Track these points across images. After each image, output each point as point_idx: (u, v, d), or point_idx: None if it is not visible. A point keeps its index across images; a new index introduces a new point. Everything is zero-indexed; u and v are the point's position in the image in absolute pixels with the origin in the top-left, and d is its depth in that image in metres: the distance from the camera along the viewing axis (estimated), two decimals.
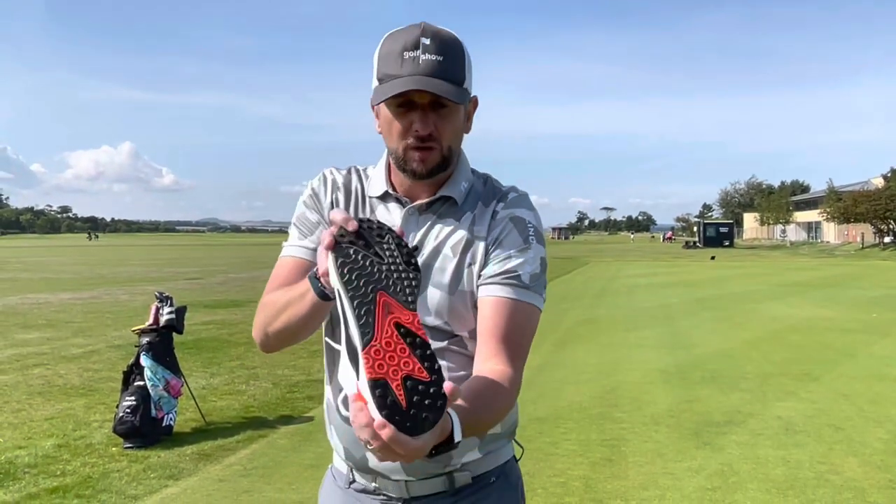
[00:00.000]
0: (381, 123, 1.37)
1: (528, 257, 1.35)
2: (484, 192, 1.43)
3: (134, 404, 4.99)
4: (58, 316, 12.46)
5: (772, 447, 4.93)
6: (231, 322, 11.53)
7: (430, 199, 1.39)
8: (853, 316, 12.24)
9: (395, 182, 1.43)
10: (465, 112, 1.37)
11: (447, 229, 1.38)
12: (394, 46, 1.28)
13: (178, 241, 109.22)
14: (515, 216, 1.38)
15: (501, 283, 1.32)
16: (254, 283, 20.13)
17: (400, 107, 1.29)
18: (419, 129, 1.29)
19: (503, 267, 1.33)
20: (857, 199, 50.69)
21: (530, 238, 1.37)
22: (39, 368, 7.70)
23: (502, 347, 1.29)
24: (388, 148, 1.38)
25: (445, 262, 1.36)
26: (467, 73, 1.33)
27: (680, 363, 7.93)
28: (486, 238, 1.36)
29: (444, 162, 1.34)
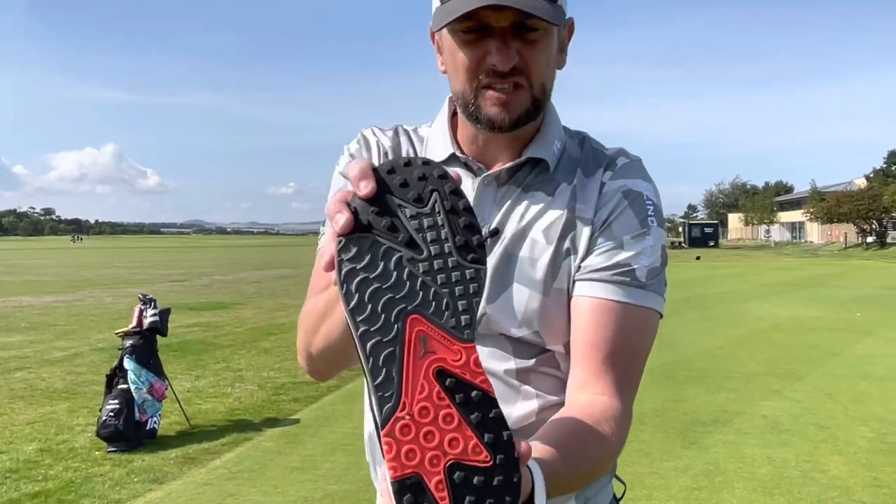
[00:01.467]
0: (445, 55, 1.01)
1: (647, 245, 1.01)
2: (583, 156, 1.07)
3: (117, 408, 4.94)
4: (40, 319, 12.34)
5: (758, 446, 4.95)
6: (216, 324, 11.45)
7: (514, 163, 1.04)
8: (837, 315, 12.33)
9: (461, 141, 1.07)
10: (558, 42, 1.01)
11: (538, 206, 1.03)
12: None
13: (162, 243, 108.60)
14: (629, 189, 1.03)
15: (609, 281, 0.98)
16: (239, 284, 20.04)
17: (470, 32, 0.94)
18: (497, 63, 0.93)
19: (612, 259, 0.99)
20: (840, 200, 51.11)
21: (650, 219, 1.02)
22: (21, 372, 7.62)
23: (607, 369, 0.96)
24: (453, 91, 1.03)
25: (537, 250, 1.01)
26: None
27: (666, 363, 7.94)
28: (593, 219, 1.01)
29: (534, 106, 0.99)
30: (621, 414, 0.94)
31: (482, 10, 0.90)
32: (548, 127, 1.06)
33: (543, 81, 0.98)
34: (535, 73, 0.96)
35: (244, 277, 22.99)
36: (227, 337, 10.03)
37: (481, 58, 0.95)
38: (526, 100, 0.97)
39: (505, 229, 1.02)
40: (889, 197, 46.46)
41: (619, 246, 0.99)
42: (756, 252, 52.05)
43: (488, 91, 0.96)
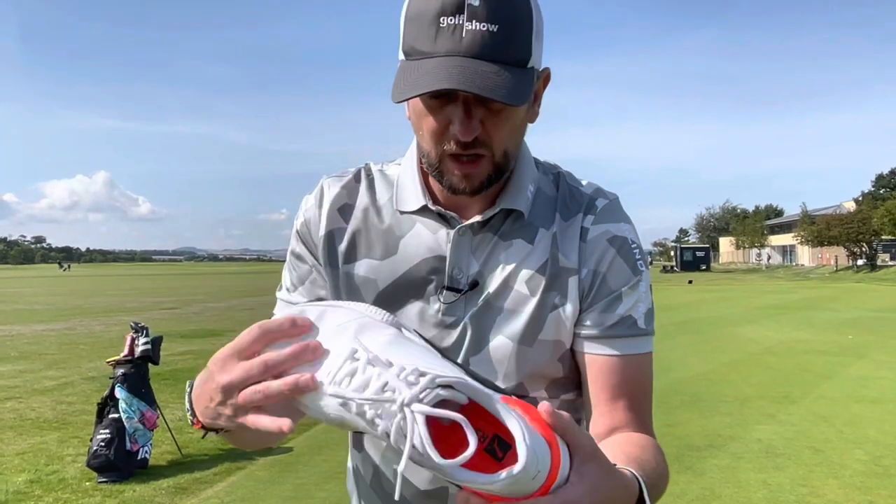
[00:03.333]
0: (411, 112, 0.97)
1: (642, 292, 1.02)
2: (559, 196, 1.05)
3: (108, 437, 4.90)
4: (30, 348, 12.24)
5: (752, 470, 4.93)
6: (208, 352, 11.30)
7: (488, 214, 1.00)
8: (829, 338, 12.36)
9: (433, 188, 1.03)
10: (529, 100, 0.95)
11: (518, 255, 1.00)
12: (427, 6, 0.87)
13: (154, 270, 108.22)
14: (614, 236, 1.02)
15: (617, 337, 1.00)
16: (231, 312, 19.95)
17: (435, 98, 0.90)
18: (458, 134, 0.89)
19: (615, 314, 1.00)
20: (830, 223, 51.47)
21: (638, 264, 1.02)
22: (11, 402, 7.54)
23: (631, 413, 1.01)
24: (419, 146, 1.00)
25: (520, 302, 0.99)
26: (535, 41, 0.91)
27: (659, 387, 7.92)
28: (579, 269, 1.00)
29: (496, 173, 0.95)
30: (657, 442, 1.00)
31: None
32: (520, 173, 1.03)
33: (506, 148, 0.95)
34: (497, 143, 0.93)
35: (236, 304, 22.90)
36: None
37: (445, 126, 0.91)
38: (487, 168, 0.94)
39: (486, 280, 1.00)
40: (878, 220, 46.87)
41: (618, 299, 1.00)
42: (748, 275, 52.23)
43: (451, 161, 0.93)
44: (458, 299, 0.99)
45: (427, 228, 1.02)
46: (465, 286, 0.99)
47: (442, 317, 1.00)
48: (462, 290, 0.99)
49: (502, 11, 0.86)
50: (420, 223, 1.03)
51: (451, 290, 0.99)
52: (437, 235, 1.01)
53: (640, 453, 0.91)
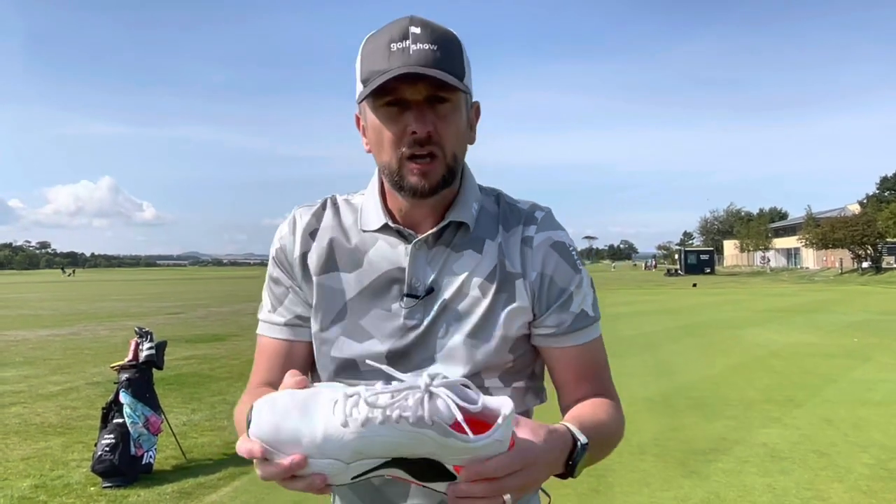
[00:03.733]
0: (370, 134, 1.15)
1: (584, 286, 1.21)
2: (500, 212, 1.22)
3: (113, 442, 4.90)
4: (35, 353, 12.27)
5: (758, 474, 4.92)
6: (213, 357, 11.40)
7: (438, 227, 1.17)
8: (834, 341, 12.32)
9: (392, 208, 1.20)
10: (467, 117, 1.16)
11: (469, 263, 1.17)
12: (378, 42, 1.08)
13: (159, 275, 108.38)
14: (555, 241, 1.19)
15: (575, 330, 1.19)
16: (236, 316, 19.97)
17: (390, 106, 1.08)
18: (416, 130, 1.07)
19: (570, 312, 1.18)
20: (835, 226, 51.31)
21: (577, 263, 1.21)
22: (16, 407, 7.56)
23: (594, 385, 1.21)
24: (379, 164, 1.16)
25: (473, 304, 1.15)
26: (467, 69, 1.12)
27: (664, 391, 7.92)
28: (525, 273, 1.17)
29: (449, 174, 1.12)
30: (618, 401, 1.22)
31: (400, 86, 1.05)
32: (465, 191, 1.20)
33: (454, 151, 1.12)
34: (447, 143, 1.10)
35: (240, 309, 22.92)
36: (224, 369, 9.98)
37: (402, 130, 1.08)
38: (441, 168, 1.10)
39: (442, 287, 1.16)
40: (883, 222, 46.69)
41: (569, 298, 1.18)
42: (752, 278, 52.12)
43: (410, 163, 1.10)
44: (417, 304, 1.15)
45: (388, 244, 1.19)
46: (422, 293, 1.16)
47: (404, 320, 1.15)
48: (420, 297, 1.15)
49: (439, 37, 1.08)
50: (382, 240, 1.19)
51: (410, 297, 1.15)
52: (397, 250, 1.18)
53: (583, 411, 1.14)
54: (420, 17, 1.09)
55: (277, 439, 0.88)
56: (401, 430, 0.84)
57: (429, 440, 0.85)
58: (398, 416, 0.84)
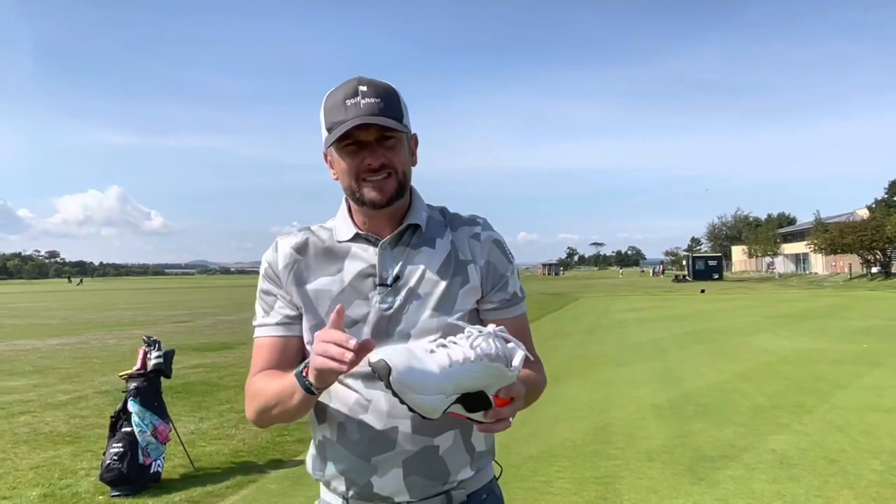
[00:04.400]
0: (335, 168, 1.49)
1: (515, 273, 1.58)
2: (447, 220, 1.56)
3: (121, 451, 4.92)
4: (45, 362, 12.32)
5: (767, 481, 4.89)
6: (220, 365, 11.42)
7: (398, 230, 1.49)
8: (844, 347, 12.26)
9: (358, 223, 1.52)
10: (409, 147, 1.50)
11: (425, 256, 1.49)
12: (336, 99, 1.42)
13: (167, 283, 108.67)
14: (495, 238, 1.55)
15: (509, 306, 1.54)
16: (244, 325, 20.00)
17: (349, 146, 1.42)
18: (371, 162, 1.41)
19: (506, 290, 1.54)
20: (844, 231, 51.09)
21: (509, 256, 1.57)
22: (25, 416, 7.59)
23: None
24: (344, 189, 1.50)
25: (435, 286, 1.47)
26: (404, 111, 1.46)
27: (672, 398, 7.89)
28: (475, 260, 1.51)
29: (400, 188, 1.45)
30: (540, 361, 1.55)
31: (356, 132, 1.39)
32: (415, 204, 1.54)
33: (403, 170, 1.46)
34: (397, 165, 1.44)
35: (248, 317, 22.79)
36: (231, 377, 10.00)
37: (360, 163, 1.43)
38: (393, 183, 1.44)
39: (406, 275, 1.46)
40: (892, 227, 46.43)
41: (505, 282, 1.54)
42: (761, 284, 51.91)
43: (366, 183, 1.44)
44: (388, 291, 1.46)
45: (360, 249, 1.50)
46: (391, 281, 1.46)
47: (379, 305, 1.45)
48: (389, 285, 1.46)
49: (381, 91, 1.42)
50: (354, 247, 1.51)
51: (382, 286, 1.46)
52: (367, 252, 1.49)
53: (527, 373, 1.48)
54: (366, 77, 1.43)
55: (415, 379, 1.16)
56: (485, 365, 1.20)
57: (496, 371, 1.22)
58: (483, 353, 1.20)
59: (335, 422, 1.47)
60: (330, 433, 1.48)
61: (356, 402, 1.44)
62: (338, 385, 1.46)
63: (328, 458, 1.50)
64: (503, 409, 1.27)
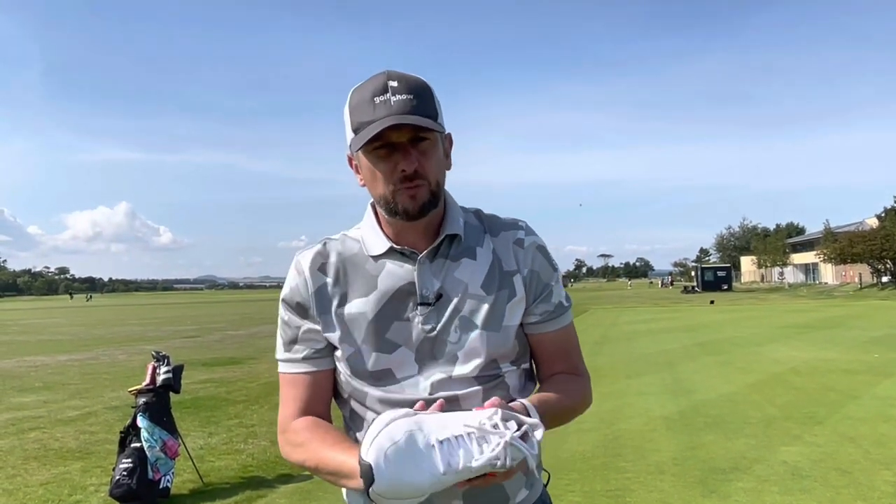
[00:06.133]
0: (364, 173, 1.34)
1: (560, 282, 1.45)
2: (485, 225, 1.43)
3: (130, 467, 4.92)
4: (54, 378, 12.35)
5: (779, 493, 4.85)
6: (229, 380, 11.43)
7: (436, 242, 1.35)
8: (855, 357, 12.18)
9: (389, 234, 1.37)
10: (444, 148, 1.37)
11: (467, 269, 1.36)
12: (363, 96, 1.28)
13: (176, 299, 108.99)
14: (539, 245, 1.42)
15: (555, 318, 1.42)
16: (252, 339, 20.04)
17: (380, 149, 1.27)
18: (405, 168, 1.26)
19: (550, 301, 1.41)
20: (853, 240, 50.88)
21: (553, 263, 1.44)
22: (35, 432, 7.61)
23: (569, 363, 1.46)
24: (374, 197, 1.35)
25: (481, 302, 1.34)
26: (439, 109, 1.31)
27: (682, 409, 7.85)
28: (520, 270, 1.38)
29: (433, 198, 1.31)
30: (587, 376, 1.48)
31: (387, 132, 1.23)
32: (450, 211, 1.39)
33: (437, 178, 1.31)
34: (430, 173, 1.29)
35: (256, 332, 22.99)
36: (240, 392, 10.00)
37: (392, 168, 1.28)
38: (426, 193, 1.29)
39: (448, 292, 1.34)
40: None
41: (550, 292, 1.41)
42: (770, 294, 51.68)
43: (400, 191, 1.28)
44: (430, 310, 1.33)
45: (394, 265, 1.36)
46: (433, 300, 1.33)
47: (422, 326, 1.33)
48: (432, 303, 1.33)
49: (414, 86, 1.27)
50: (388, 262, 1.36)
51: (424, 305, 1.33)
52: (404, 268, 1.35)
53: (549, 387, 1.39)
54: (396, 71, 1.29)
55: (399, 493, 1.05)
56: (487, 467, 1.08)
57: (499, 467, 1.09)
58: (489, 461, 1.07)
59: None
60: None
61: None
62: (382, 409, 1.31)
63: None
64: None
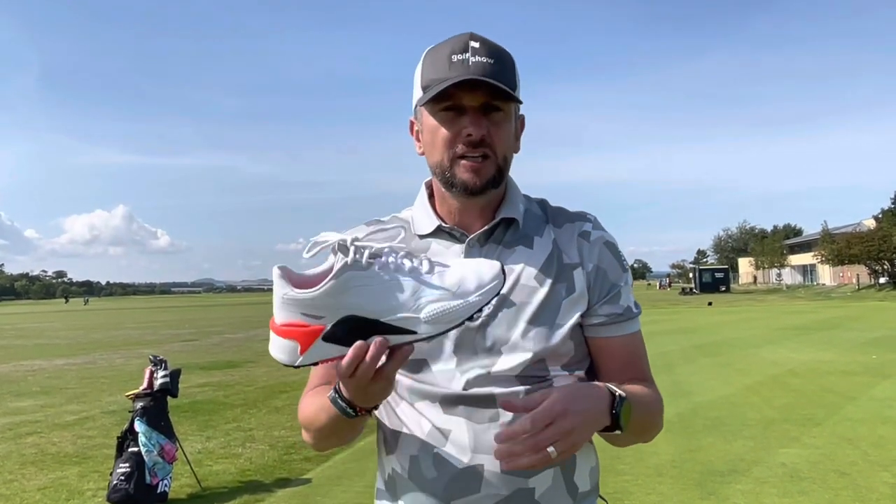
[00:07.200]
0: (424, 136, 1.23)
1: (629, 285, 1.31)
2: (548, 215, 1.31)
3: (128, 471, 4.91)
4: (52, 382, 12.32)
5: (777, 495, 4.85)
6: (227, 383, 11.41)
7: (490, 225, 1.25)
8: (853, 358, 12.18)
9: (442, 214, 1.28)
10: (515, 127, 1.26)
11: (522, 258, 1.23)
12: (441, 53, 1.17)
13: (173, 302, 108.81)
14: (608, 241, 1.28)
15: (621, 322, 1.26)
16: (250, 343, 20.00)
17: (448, 110, 1.17)
18: (472, 132, 1.15)
19: (618, 303, 1.26)
20: (851, 241, 50.91)
21: (624, 263, 1.30)
22: (33, 437, 7.59)
23: (638, 373, 1.28)
24: (431, 164, 1.23)
25: (533, 294, 1.20)
26: (518, 82, 1.21)
27: (681, 412, 7.84)
28: (583, 264, 1.24)
29: (499, 174, 1.20)
30: (657, 389, 1.29)
31: (458, 92, 1.14)
32: (511, 193, 1.28)
33: (505, 153, 1.21)
34: (499, 146, 1.19)
35: (254, 335, 22.95)
36: (238, 396, 9.98)
37: (457, 132, 1.17)
38: (492, 168, 1.19)
39: None
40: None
41: (617, 293, 1.26)
42: (768, 296, 51.70)
43: (462, 160, 1.18)
44: None
45: (442, 246, 1.26)
46: None
47: None
48: None
49: (496, 52, 1.17)
50: (435, 243, 1.27)
51: None
52: (451, 250, 1.25)
53: (627, 385, 1.18)
54: (479, 34, 1.18)
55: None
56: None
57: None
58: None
59: (406, 454, 1.22)
60: (400, 467, 1.23)
61: (431, 431, 1.19)
62: (408, 409, 1.23)
63: (399, 496, 1.24)
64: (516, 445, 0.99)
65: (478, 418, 1.17)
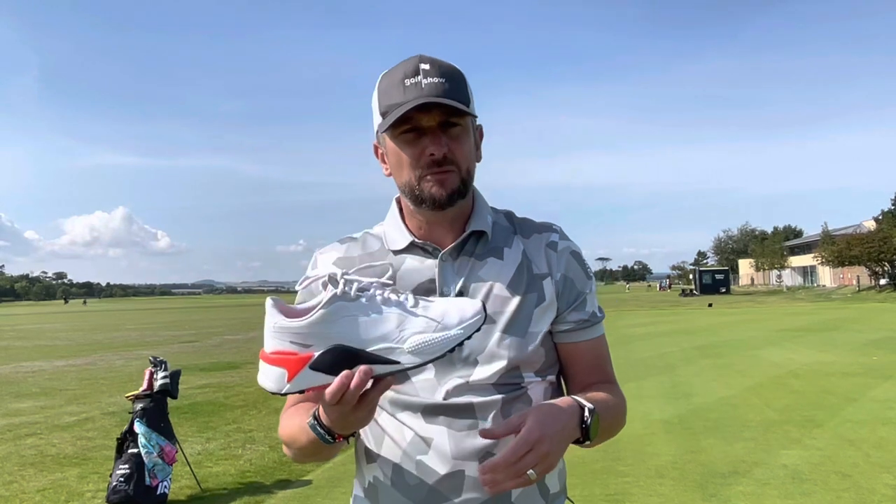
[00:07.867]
0: (390, 160, 1.28)
1: (594, 291, 1.38)
2: (515, 226, 1.37)
3: (128, 472, 4.90)
4: (51, 384, 12.31)
5: (779, 497, 4.84)
6: (227, 385, 11.40)
7: (461, 238, 1.29)
8: (853, 359, 12.17)
9: (412, 228, 1.33)
10: (474, 138, 1.31)
11: (493, 269, 1.28)
12: (393, 78, 1.22)
13: (173, 304, 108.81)
14: (574, 251, 1.35)
15: (588, 327, 1.34)
16: (250, 344, 20.00)
17: (408, 133, 1.22)
18: (433, 151, 1.20)
19: (584, 310, 1.33)
20: (851, 243, 50.90)
21: (588, 270, 1.37)
22: (32, 438, 7.58)
23: (602, 375, 1.37)
24: (399, 186, 1.29)
25: (505, 304, 1.26)
26: (471, 96, 1.26)
27: (682, 413, 7.83)
28: (551, 274, 1.31)
29: (463, 186, 1.25)
30: (620, 389, 1.38)
31: (416, 115, 1.19)
32: (479, 207, 1.34)
33: (468, 166, 1.26)
34: (461, 160, 1.24)
35: (254, 336, 22.92)
36: (238, 397, 9.97)
37: (420, 152, 1.22)
38: (456, 180, 1.24)
39: (470, 292, 1.26)
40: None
41: (584, 300, 1.34)
42: (768, 297, 51.69)
43: (428, 177, 1.23)
44: None
45: (415, 261, 1.30)
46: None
47: None
48: None
49: (447, 71, 1.21)
50: (409, 258, 1.31)
51: None
52: (425, 264, 1.29)
53: (593, 392, 1.28)
54: (427, 56, 1.23)
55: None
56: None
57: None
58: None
59: (389, 462, 1.26)
60: (382, 475, 1.27)
61: (414, 440, 1.24)
62: (389, 419, 1.27)
63: (380, 502, 1.29)
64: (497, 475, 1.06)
65: (458, 426, 1.23)
